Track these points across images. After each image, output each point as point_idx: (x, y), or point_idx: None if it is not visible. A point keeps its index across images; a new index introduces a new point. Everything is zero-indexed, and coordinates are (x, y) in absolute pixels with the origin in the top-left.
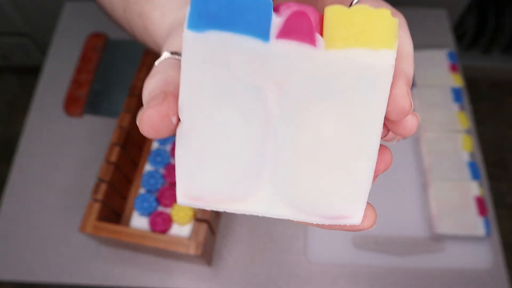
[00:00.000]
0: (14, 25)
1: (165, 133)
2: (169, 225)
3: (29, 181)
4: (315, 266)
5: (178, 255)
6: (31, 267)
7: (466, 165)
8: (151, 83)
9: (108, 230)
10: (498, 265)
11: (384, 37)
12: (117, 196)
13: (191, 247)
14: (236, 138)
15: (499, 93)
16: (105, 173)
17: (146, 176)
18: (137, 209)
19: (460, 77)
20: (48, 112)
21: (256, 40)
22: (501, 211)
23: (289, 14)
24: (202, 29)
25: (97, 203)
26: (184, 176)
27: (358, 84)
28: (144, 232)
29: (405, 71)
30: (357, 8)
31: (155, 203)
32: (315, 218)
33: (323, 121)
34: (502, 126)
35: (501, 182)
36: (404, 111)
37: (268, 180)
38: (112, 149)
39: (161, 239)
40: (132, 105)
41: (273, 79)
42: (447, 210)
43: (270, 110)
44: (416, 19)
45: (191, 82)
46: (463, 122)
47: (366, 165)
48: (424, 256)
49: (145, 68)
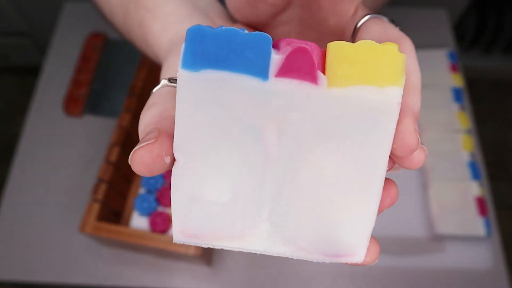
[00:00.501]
0: (14, 25)
1: (158, 172)
2: (169, 225)
3: (29, 181)
4: (315, 266)
5: (178, 255)
6: (31, 267)
7: (467, 165)
8: (147, 115)
9: (108, 230)
10: (499, 266)
11: (390, 74)
12: (117, 196)
13: (191, 247)
14: (233, 177)
15: (499, 93)
16: (105, 173)
17: (146, 176)
18: (137, 209)
19: (461, 77)
20: (48, 112)
21: (254, 79)
22: (502, 211)
23: (289, 51)
24: (197, 68)
25: (96, 203)
26: (180, 215)
27: (362, 123)
28: (144, 232)
29: (411, 106)
30: (361, 44)
31: (155, 203)
32: (316, 256)
33: (325, 161)
34: (502, 126)
35: (502, 182)
36: (411, 148)
37: (266, 218)
38: (112, 149)
39: (161, 239)
40: (132, 105)
41: (272, 119)
42: (447, 210)
43: (270, 150)
44: (417, 19)
45: (187, 121)
46: (464, 122)
47: (370, 204)
48: (424, 256)
49: (145, 68)
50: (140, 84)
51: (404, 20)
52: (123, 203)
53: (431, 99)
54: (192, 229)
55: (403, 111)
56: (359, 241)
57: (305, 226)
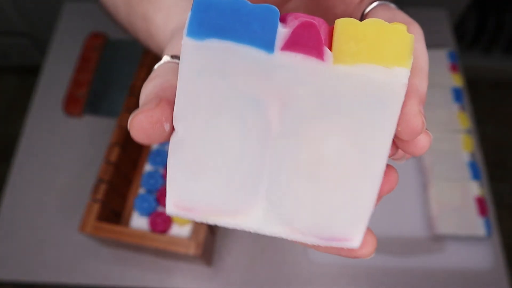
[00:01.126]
0: (13, 25)
1: (156, 139)
2: (169, 225)
3: (28, 181)
4: (316, 266)
5: (178, 255)
6: (30, 267)
7: (467, 165)
8: (148, 86)
9: (108, 230)
10: (499, 266)
11: (398, 54)
12: (116, 196)
13: (191, 247)
14: (232, 150)
15: (499, 93)
16: (105, 173)
17: (146, 176)
18: (137, 209)
19: (461, 77)
20: (48, 112)
21: (259, 51)
22: (502, 211)
23: (296, 25)
24: (202, 37)
25: (96, 203)
26: (175, 186)
27: (367, 103)
28: (144, 233)
29: (418, 87)
30: (370, 22)
31: (155, 203)
32: (310, 239)
33: (327, 139)
34: (502, 126)
35: (502, 182)
36: (416, 131)
37: (263, 196)
38: (112, 149)
39: (161, 239)
40: (132, 105)
41: (275, 93)
42: (448, 210)
43: (271, 125)
44: (417, 19)
45: (188, 90)
46: (464, 122)
47: (370, 187)
48: (424, 256)
49: (145, 68)
50: (140, 84)
51: None
52: (123, 203)
53: (431, 99)
54: (186, 202)
55: (408, 93)
56: (356, 225)
57: (302, 207)
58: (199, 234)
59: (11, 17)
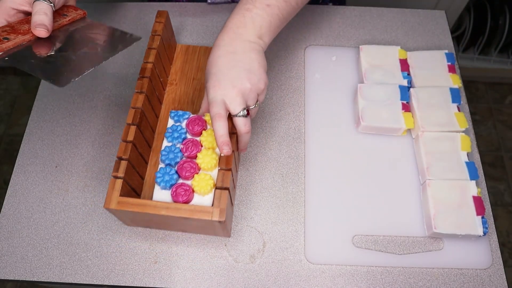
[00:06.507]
0: None
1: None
2: (191, 196)
3: (29, 181)
4: (315, 266)
5: (204, 222)
6: (32, 266)
7: (464, 165)
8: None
9: (132, 204)
10: (496, 264)
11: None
12: (135, 175)
13: (215, 213)
14: None
15: (496, 94)
16: (124, 151)
17: (164, 151)
18: (159, 183)
19: (458, 77)
20: (50, 112)
21: None
22: (499, 210)
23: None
24: None
25: (118, 180)
26: None
27: None
28: (168, 203)
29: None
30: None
31: (176, 176)
32: None
33: None
34: (499, 126)
35: (499, 181)
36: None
37: None
38: (129, 128)
39: (185, 208)
40: (144, 87)
41: None
42: (445, 209)
43: None
44: (415, 21)
45: None
46: (461, 122)
47: None
48: (423, 255)
49: (153, 51)
50: (149, 67)
51: (404, 21)
52: (141, 183)
53: (429, 99)
54: None
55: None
56: None
57: None
58: (221, 202)
59: None
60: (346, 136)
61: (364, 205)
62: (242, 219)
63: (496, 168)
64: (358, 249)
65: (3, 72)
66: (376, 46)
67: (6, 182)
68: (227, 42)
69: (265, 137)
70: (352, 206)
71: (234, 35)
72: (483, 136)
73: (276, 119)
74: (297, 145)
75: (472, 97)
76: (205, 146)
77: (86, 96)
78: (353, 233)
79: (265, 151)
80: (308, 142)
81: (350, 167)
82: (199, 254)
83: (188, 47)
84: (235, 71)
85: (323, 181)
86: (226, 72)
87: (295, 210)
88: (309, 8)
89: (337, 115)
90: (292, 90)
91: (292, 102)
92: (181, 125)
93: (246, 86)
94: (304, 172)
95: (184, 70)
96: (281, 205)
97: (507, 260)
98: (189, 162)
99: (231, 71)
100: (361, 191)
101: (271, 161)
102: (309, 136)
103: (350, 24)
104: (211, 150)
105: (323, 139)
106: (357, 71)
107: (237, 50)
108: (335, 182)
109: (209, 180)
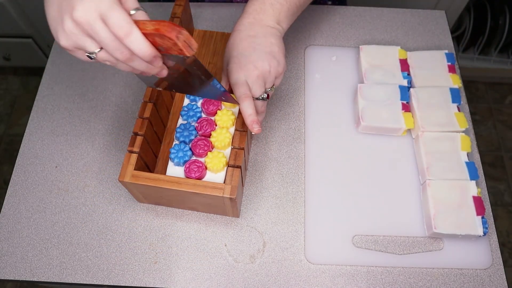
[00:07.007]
0: (17, 27)
1: None
2: (204, 172)
3: (29, 181)
4: (315, 266)
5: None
6: (32, 266)
7: (464, 165)
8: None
9: (146, 178)
10: (496, 264)
11: None
12: (149, 152)
13: (227, 190)
14: None
15: (496, 94)
16: (140, 127)
17: (179, 129)
18: (173, 159)
19: (458, 77)
20: (50, 112)
21: None
22: (499, 210)
23: None
24: None
25: (134, 154)
26: None
27: None
28: (180, 178)
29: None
30: None
31: (190, 152)
32: None
33: None
34: (499, 126)
35: (499, 181)
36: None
37: None
38: (145, 105)
39: (197, 183)
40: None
41: None
42: (445, 209)
43: None
44: (415, 21)
45: None
46: (461, 122)
47: None
48: (423, 255)
49: (177, 20)
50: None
51: (404, 21)
52: (155, 160)
53: (429, 99)
54: None
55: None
56: None
57: None
58: (233, 179)
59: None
60: (346, 136)
61: (364, 205)
62: (242, 219)
63: (496, 168)
64: (358, 249)
65: (3, 72)
66: (376, 46)
67: (6, 182)
68: (248, 26)
69: (265, 137)
70: (352, 206)
71: (254, 20)
72: (483, 136)
73: (276, 119)
74: (297, 145)
75: (472, 97)
76: (220, 125)
77: (86, 96)
78: (353, 233)
79: (265, 151)
80: (308, 142)
81: (350, 167)
82: (199, 254)
83: (205, 32)
84: (256, 54)
85: (323, 181)
86: (248, 55)
87: (295, 210)
88: (309, 8)
89: (337, 115)
90: (292, 90)
91: (292, 102)
92: (196, 104)
93: (266, 68)
94: (304, 172)
95: (201, 54)
96: (281, 205)
97: (507, 260)
98: (203, 140)
99: (252, 54)
100: (361, 191)
101: (271, 161)
102: (309, 136)
103: (350, 24)
104: (225, 129)
105: (323, 139)
106: (357, 71)
107: (258, 34)
108: (335, 182)
109: (222, 158)
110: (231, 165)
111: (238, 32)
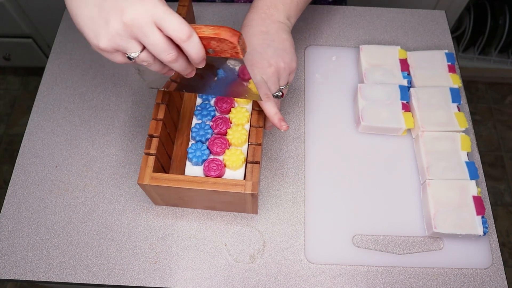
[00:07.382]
0: (17, 27)
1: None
2: (223, 170)
3: (29, 181)
4: (315, 266)
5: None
6: (32, 266)
7: (464, 164)
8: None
9: (166, 179)
10: (496, 264)
11: None
12: (164, 153)
13: (248, 186)
14: None
15: (496, 94)
16: (155, 129)
17: (195, 128)
18: (191, 158)
19: (458, 77)
20: (50, 112)
21: None
22: (499, 210)
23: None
24: None
25: (151, 157)
26: None
27: None
28: (200, 178)
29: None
30: None
31: (207, 151)
32: None
33: None
34: (499, 126)
35: (499, 181)
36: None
37: None
38: (158, 107)
39: (218, 181)
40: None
41: None
42: (445, 209)
43: None
44: (415, 21)
45: None
46: (462, 122)
47: None
48: (423, 255)
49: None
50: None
51: (404, 21)
52: (169, 162)
53: (429, 99)
54: None
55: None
56: None
57: None
58: (253, 175)
59: (15, 19)
60: (346, 136)
61: (364, 205)
62: (242, 219)
63: (496, 168)
64: (358, 249)
65: (3, 72)
66: (376, 46)
67: (6, 182)
68: (259, 22)
69: (265, 137)
70: (352, 206)
71: (264, 15)
72: (483, 136)
73: None
74: (297, 144)
75: (472, 97)
76: (235, 122)
77: (86, 96)
78: (353, 233)
79: (265, 150)
80: (308, 142)
81: (350, 167)
82: (199, 254)
83: None
84: (270, 50)
85: (323, 181)
86: (262, 51)
87: (295, 209)
88: (309, 8)
89: (337, 115)
90: (292, 90)
91: (292, 102)
92: (209, 103)
93: (281, 65)
94: (304, 171)
95: None
96: (281, 204)
97: (507, 260)
98: (220, 138)
99: (266, 50)
100: (361, 191)
101: (271, 161)
102: (309, 136)
103: (350, 24)
104: (240, 126)
105: (323, 138)
106: (357, 71)
107: (270, 30)
108: (335, 182)
109: (240, 155)
110: (250, 161)
111: (249, 28)
